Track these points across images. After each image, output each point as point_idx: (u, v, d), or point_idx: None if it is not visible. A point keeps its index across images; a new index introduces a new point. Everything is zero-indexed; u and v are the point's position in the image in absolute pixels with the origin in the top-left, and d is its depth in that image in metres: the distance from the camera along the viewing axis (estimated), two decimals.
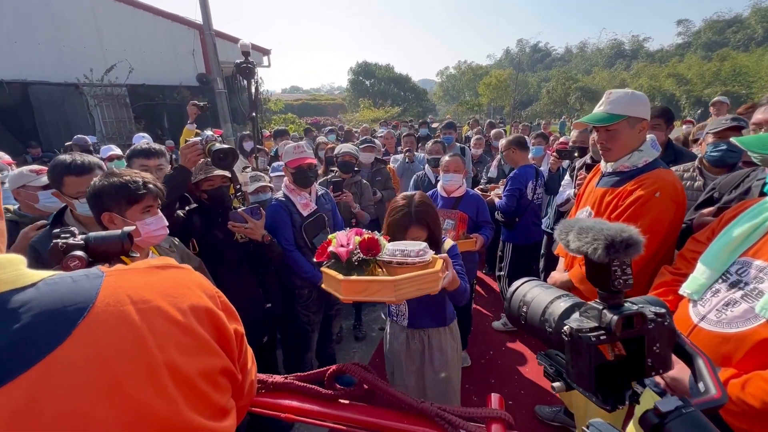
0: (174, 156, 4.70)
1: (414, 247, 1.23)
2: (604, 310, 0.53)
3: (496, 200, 3.38)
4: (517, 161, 3.33)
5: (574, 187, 2.66)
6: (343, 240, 1.25)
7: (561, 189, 3.03)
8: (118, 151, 4.30)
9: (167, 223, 1.43)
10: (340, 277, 1.16)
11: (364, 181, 3.28)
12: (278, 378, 1.11)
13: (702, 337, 1.10)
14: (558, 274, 1.89)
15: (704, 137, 2.05)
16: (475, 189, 3.48)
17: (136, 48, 11.02)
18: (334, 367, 1.10)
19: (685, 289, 1.20)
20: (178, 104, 10.74)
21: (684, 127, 6.26)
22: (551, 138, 6.43)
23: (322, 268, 1.27)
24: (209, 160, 1.81)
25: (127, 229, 0.93)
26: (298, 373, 1.13)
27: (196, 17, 9.26)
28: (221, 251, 2.02)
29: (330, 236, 1.33)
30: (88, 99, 10.31)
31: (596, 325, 0.53)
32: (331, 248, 1.25)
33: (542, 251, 3.51)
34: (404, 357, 1.80)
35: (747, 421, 0.92)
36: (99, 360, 0.40)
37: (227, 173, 1.92)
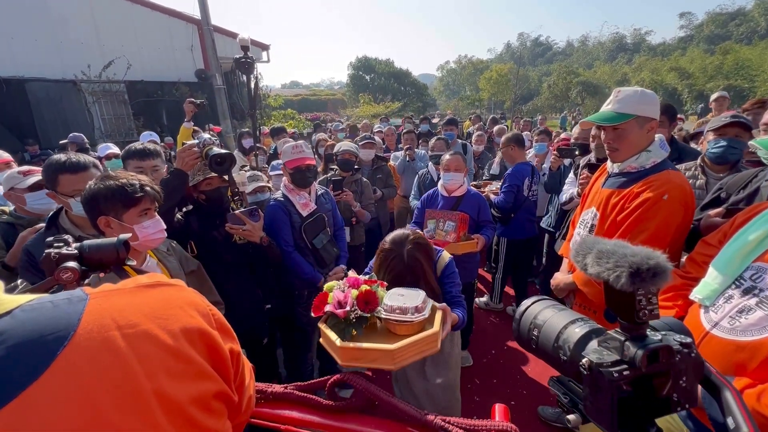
0: (172, 153, 4.67)
1: (412, 301, 1.19)
2: (627, 342, 0.48)
3: (492, 197, 3.42)
4: (515, 158, 3.39)
5: (578, 187, 2.62)
6: (340, 298, 1.20)
7: (565, 188, 2.99)
8: (116, 150, 4.25)
9: (165, 226, 1.39)
10: (338, 342, 1.12)
11: (365, 179, 3.24)
12: (278, 388, 1.08)
13: (714, 345, 1.06)
14: (561, 276, 1.86)
15: (705, 135, 2.02)
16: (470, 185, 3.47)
17: (134, 44, 10.93)
18: (335, 376, 1.08)
19: (696, 294, 1.17)
20: (177, 101, 10.66)
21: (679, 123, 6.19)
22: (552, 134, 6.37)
23: (320, 325, 1.22)
24: (207, 162, 1.77)
25: (122, 236, 0.89)
26: (298, 383, 1.10)
27: (194, 12, 9.20)
28: (220, 253, 1.99)
29: (326, 286, 1.28)
30: (86, 96, 10.24)
31: (618, 358, 0.48)
32: (328, 308, 1.21)
33: (545, 249, 3.48)
34: None
35: None
36: (81, 393, 0.37)
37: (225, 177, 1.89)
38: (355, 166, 3.12)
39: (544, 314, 0.61)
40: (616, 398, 0.46)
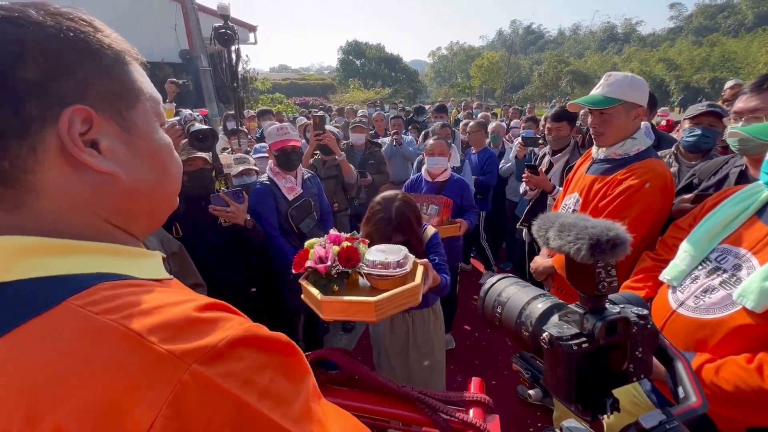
0: None
1: (394, 256, 1.19)
2: (586, 315, 0.50)
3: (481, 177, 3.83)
4: (482, 143, 3.99)
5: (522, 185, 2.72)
6: (321, 253, 1.20)
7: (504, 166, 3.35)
8: None
9: None
10: (320, 297, 1.13)
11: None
12: None
13: (679, 323, 1.12)
14: (541, 259, 1.91)
15: (681, 123, 2.07)
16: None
17: (114, 20, 10.35)
18: (316, 352, 1.10)
19: (665, 275, 1.21)
20: (160, 81, 10.26)
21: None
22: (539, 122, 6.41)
23: (301, 281, 1.23)
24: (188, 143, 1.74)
25: None
26: None
27: None
28: (205, 235, 1.97)
29: (307, 243, 1.28)
30: None
31: (577, 331, 0.49)
32: (309, 263, 1.20)
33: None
34: (389, 340, 1.82)
35: (720, 405, 0.94)
36: None
37: (208, 155, 1.86)
38: (341, 149, 3.08)
39: (507, 291, 0.62)
40: (575, 371, 0.47)
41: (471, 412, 0.89)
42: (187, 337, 0.34)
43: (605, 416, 0.51)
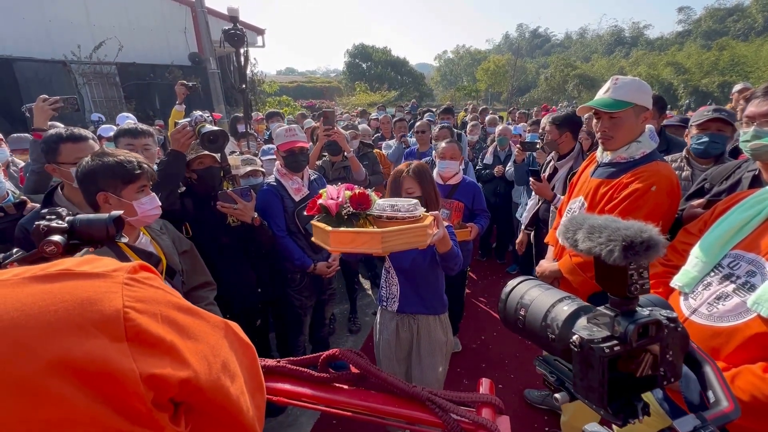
0: (163, 135, 4.59)
1: (404, 202, 1.25)
2: (617, 318, 0.48)
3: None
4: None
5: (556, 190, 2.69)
6: (333, 193, 1.25)
7: (525, 212, 3.13)
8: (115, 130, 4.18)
9: (160, 203, 1.40)
10: (329, 228, 1.16)
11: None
12: (270, 362, 1.11)
13: (693, 331, 1.10)
14: (547, 263, 1.90)
15: (689, 129, 2.06)
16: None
17: (125, 25, 10.68)
18: (328, 352, 1.10)
19: (676, 281, 1.20)
20: (170, 84, 10.43)
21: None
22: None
23: (312, 222, 1.28)
24: (199, 139, 1.76)
25: (114, 213, 0.90)
26: (291, 358, 1.12)
27: None
28: (214, 235, 1.99)
29: (321, 191, 1.34)
30: (77, 77, 10.01)
31: (608, 334, 0.48)
32: (321, 201, 1.25)
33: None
34: (394, 345, 1.81)
35: None
36: None
37: (217, 155, 1.88)
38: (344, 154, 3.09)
39: (530, 294, 0.60)
40: (607, 374, 0.46)
41: (483, 412, 0.88)
42: None
43: (636, 420, 0.50)
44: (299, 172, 2.28)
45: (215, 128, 1.69)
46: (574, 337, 0.48)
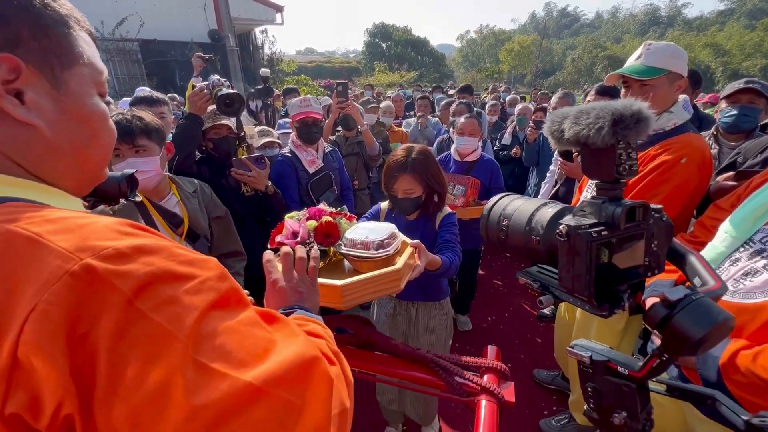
0: (182, 111, 4.63)
1: (378, 235, 1.04)
2: (605, 204, 0.48)
3: None
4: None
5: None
6: (294, 228, 1.05)
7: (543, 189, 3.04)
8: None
9: (158, 167, 1.35)
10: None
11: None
12: None
13: None
14: None
15: (719, 103, 1.94)
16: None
17: (146, 1, 10.71)
18: (334, 316, 1.10)
19: None
20: (190, 61, 10.54)
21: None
22: None
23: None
24: (216, 108, 1.75)
25: (126, 171, 0.90)
26: None
27: None
28: (230, 203, 2.00)
29: (287, 216, 1.15)
30: (101, 53, 10.16)
31: (596, 221, 0.48)
32: (279, 237, 1.06)
33: None
34: (389, 328, 1.77)
35: (756, 393, 0.88)
36: None
37: (232, 121, 1.87)
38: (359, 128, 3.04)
39: (513, 204, 0.60)
40: (594, 261, 0.45)
41: (485, 377, 0.87)
42: (88, 239, 0.34)
43: (620, 311, 0.50)
44: (313, 144, 2.26)
45: (231, 91, 1.67)
46: (561, 227, 0.47)
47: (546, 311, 2.58)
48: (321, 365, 0.43)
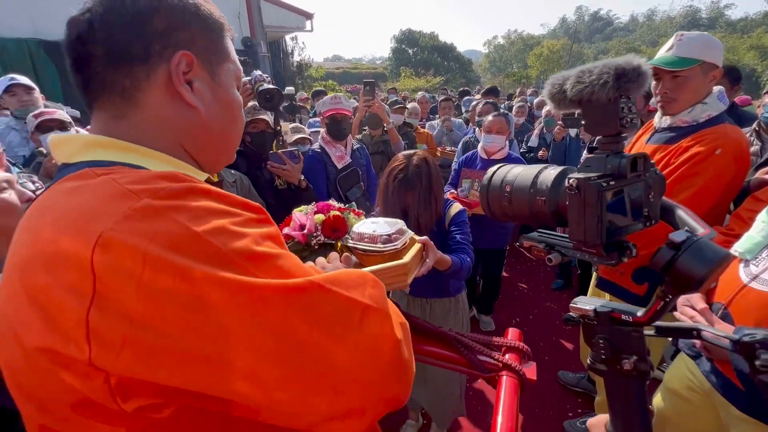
0: None
1: (385, 229, 1.02)
2: (609, 157, 0.52)
3: None
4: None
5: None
6: (301, 220, 1.05)
7: None
8: None
9: None
10: None
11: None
12: None
13: (751, 298, 1.02)
14: None
15: (762, 98, 1.86)
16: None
17: None
18: None
19: (736, 248, 1.11)
20: None
21: None
22: None
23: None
24: (255, 104, 1.85)
25: None
26: None
27: None
28: (263, 195, 2.09)
29: (295, 210, 1.15)
30: None
31: (602, 173, 0.52)
32: (286, 230, 1.06)
33: None
34: None
35: None
36: None
37: (270, 117, 1.96)
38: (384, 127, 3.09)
39: (513, 171, 0.62)
40: (605, 209, 0.49)
41: (507, 356, 0.89)
42: (156, 184, 0.41)
43: (626, 258, 0.53)
44: (342, 140, 2.33)
45: (272, 86, 1.76)
46: (570, 181, 0.50)
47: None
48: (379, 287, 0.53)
